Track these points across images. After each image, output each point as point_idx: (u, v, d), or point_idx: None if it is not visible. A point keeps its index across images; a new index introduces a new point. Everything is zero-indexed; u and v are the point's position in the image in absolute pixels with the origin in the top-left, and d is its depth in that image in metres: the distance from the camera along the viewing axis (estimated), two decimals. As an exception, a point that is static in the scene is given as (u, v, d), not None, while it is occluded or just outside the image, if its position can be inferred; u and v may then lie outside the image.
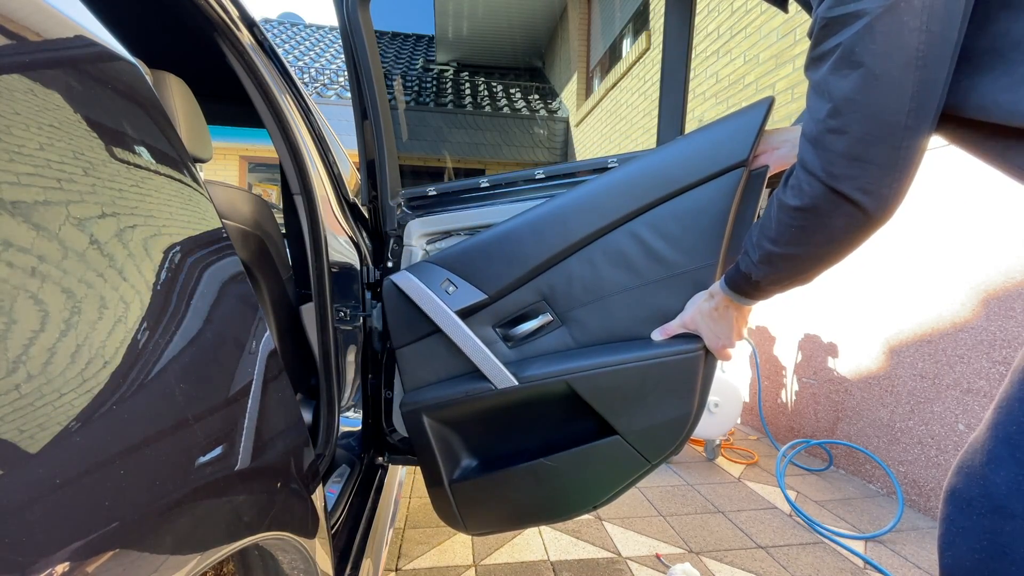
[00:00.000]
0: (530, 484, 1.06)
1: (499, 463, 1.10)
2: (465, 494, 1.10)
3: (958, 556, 0.56)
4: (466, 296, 1.02)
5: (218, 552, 0.38)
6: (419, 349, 1.08)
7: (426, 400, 1.07)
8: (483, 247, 1.04)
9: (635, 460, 1.02)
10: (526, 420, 1.08)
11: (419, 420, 1.07)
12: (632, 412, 0.99)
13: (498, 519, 1.13)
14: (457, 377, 1.06)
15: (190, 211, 0.45)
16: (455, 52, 4.13)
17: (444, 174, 3.81)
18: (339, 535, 1.00)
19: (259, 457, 0.46)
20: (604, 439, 1.01)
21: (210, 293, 0.44)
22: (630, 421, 0.99)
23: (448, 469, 1.11)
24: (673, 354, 0.95)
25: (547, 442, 1.08)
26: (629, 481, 1.05)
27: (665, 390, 0.97)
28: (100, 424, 0.29)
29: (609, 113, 6.34)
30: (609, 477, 1.04)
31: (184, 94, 0.96)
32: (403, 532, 1.88)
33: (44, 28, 0.35)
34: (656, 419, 0.99)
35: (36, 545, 0.24)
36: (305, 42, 10.71)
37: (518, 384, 1.00)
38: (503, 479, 1.07)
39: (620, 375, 0.96)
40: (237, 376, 0.45)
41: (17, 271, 0.27)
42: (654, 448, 1.01)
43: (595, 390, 0.98)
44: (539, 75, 6.11)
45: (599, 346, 1.00)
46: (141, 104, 0.43)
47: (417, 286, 1.04)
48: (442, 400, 1.05)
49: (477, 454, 1.13)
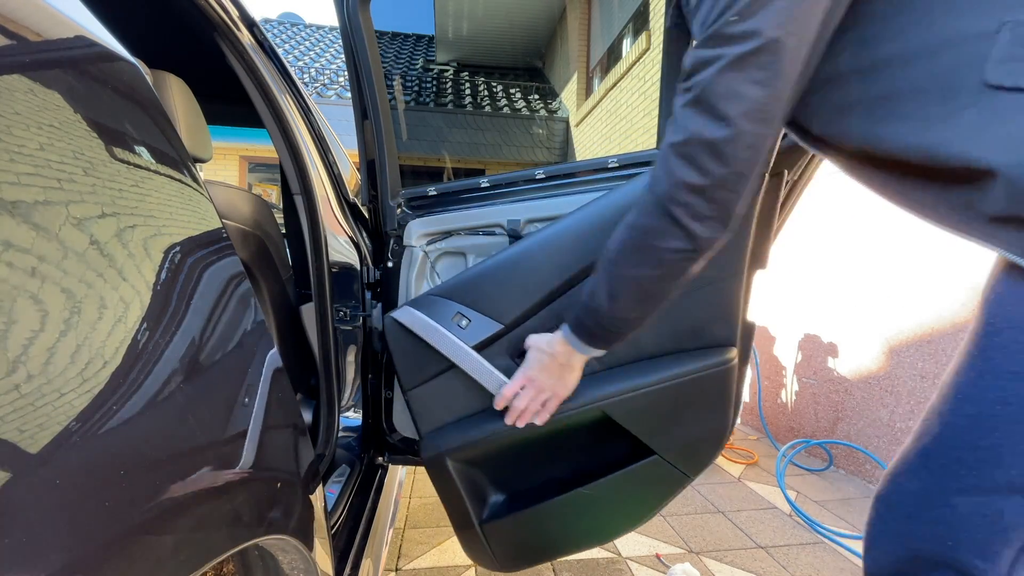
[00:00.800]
0: (569, 515, 1.02)
1: (530, 496, 1.05)
2: (499, 533, 1.05)
3: (877, 558, 0.59)
4: (482, 329, 0.96)
5: (218, 552, 0.38)
6: (434, 388, 1.02)
7: (449, 444, 1.00)
8: (494, 274, 0.98)
9: (675, 477, 0.99)
10: (556, 450, 1.04)
11: (443, 465, 1.01)
12: (669, 431, 0.96)
13: (536, 553, 1.09)
14: (479, 414, 1.00)
15: (190, 211, 0.45)
16: (455, 52, 4.12)
17: (444, 174, 3.81)
18: (339, 535, 1.00)
19: (259, 457, 0.46)
20: (642, 461, 0.98)
21: (210, 293, 0.44)
22: (668, 440, 0.97)
23: (477, 510, 1.06)
24: (706, 368, 0.93)
25: (578, 469, 1.04)
26: (670, 497, 1.02)
27: (700, 406, 0.95)
28: (100, 424, 0.29)
29: (609, 113, 6.34)
30: (650, 497, 1.02)
31: (184, 94, 0.96)
32: (403, 532, 1.88)
33: (44, 28, 0.35)
34: (694, 435, 0.97)
35: (36, 545, 0.24)
36: (305, 42, 10.71)
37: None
38: (540, 514, 1.02)
39: (655, 395, 0.94)
40: (237, 376, 0.45)
41: (17, 271, 0.27)
42: (695, 463, 0.99)
43: (630, 413, 0.95)
44: (539, 75, 6.11)
45: (627, 366, 0.97)
46: (141, 104, 0.43)
47: (426, 323, 0.98)
48: (468, 441, 1.00)
49: (506, 490, 1.09)
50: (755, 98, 0.53)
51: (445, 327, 0.97)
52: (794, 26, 0.51)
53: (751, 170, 0.56)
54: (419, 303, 1.01)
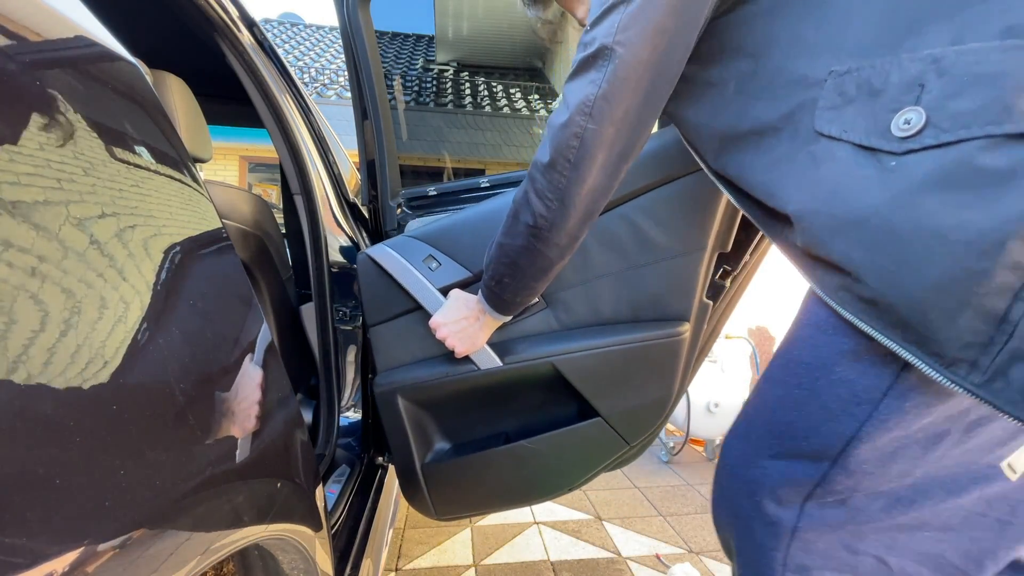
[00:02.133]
0: (509, 467, 1.05)
1: (474, 447, 1.08)
2: (437, 477, 1.08)
3: (717, 512, 0.69)
4: (450, 273, 0.99)
5: (218, 552, 0.38)
6: (396, 327, 1.04)
7: (402, 381, 1.03)
8: (469, 224, 1.02)
9: (615, 442, 1.03)
10: (506, 403, 1.07)
11: (393, 401, 1.04)
12: (615, 394, 1.00)
13: (471, 502, 1.11)
14: (436, 358, 1.02)
15: (190, 211, 0.45)
16: (455, 52, 4.11)
17: (444, 174, 3.81)
18: (339, 535, 1.00)
19: (259, 457, 0.46)
20: (586, 421, 1.02)
21: (210, 293, 0.44)
22: (613, 403, 1.00)
23: (421, 452, 1.08)
24: (658, 337, 0.96)
25: (526, 426, 1.07)
26: (607, 463, 1.06)
27: (648, 372, 0.99)
28: (100, 424, 0.29)
29: (609, 113, 6.32)
30: (588, 458, 1.05)
31: (184, 94, 0.96)
32: (403, 532, 1.88)
33: (44, 28, 0.35)
34: (638, 401, 1.00)
35: (36, 545, 0.24)
36: (305, 42, 10.71)
37: (502, 365, 0.98)
38: (480, 462, 1.05)
39: (605, 357, 0.97)
40: (237, 376, 0.45)
41: (17, 271, 0.27)
42: (634, 430, 1.02)
43: (580, 372, 0.98)
44: (539, 75, 6.11)
45: (584, 328, 1.00)
46: (141, 104, 0.43)
47: (397, 261, 1.00)
48: (420, 381, 1.02)
49: (452, 438, 1.11)
50: (586, 95, 0.59)
51: (416, 267, 1.00)
52: (623, 37, 0.56)
53: (580, 160, 0.62)
54: (395, 243, 1.03)
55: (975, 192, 0.41)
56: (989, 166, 0.41)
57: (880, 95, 0.47)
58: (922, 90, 0.44)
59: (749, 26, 0.57)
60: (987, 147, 0.41)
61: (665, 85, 0.60)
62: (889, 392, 0.51)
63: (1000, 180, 0.40)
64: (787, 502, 0.59)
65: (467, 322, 0.91)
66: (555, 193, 0.65)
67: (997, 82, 0.41)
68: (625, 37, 0.56)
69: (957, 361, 0.44)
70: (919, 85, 0.45)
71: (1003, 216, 0.40)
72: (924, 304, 0.44)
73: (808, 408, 0.57)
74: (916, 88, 0.45)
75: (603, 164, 0.63)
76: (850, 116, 0.49)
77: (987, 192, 0.41)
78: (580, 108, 0.60)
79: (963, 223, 0.41)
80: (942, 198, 0.43)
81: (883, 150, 0.46)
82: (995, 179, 0.40)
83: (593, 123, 0.60)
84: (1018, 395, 0.41)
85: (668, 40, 0.57)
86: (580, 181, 0.64)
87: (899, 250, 0.45)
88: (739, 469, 0.65)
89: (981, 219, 0.41)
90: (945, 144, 0.43)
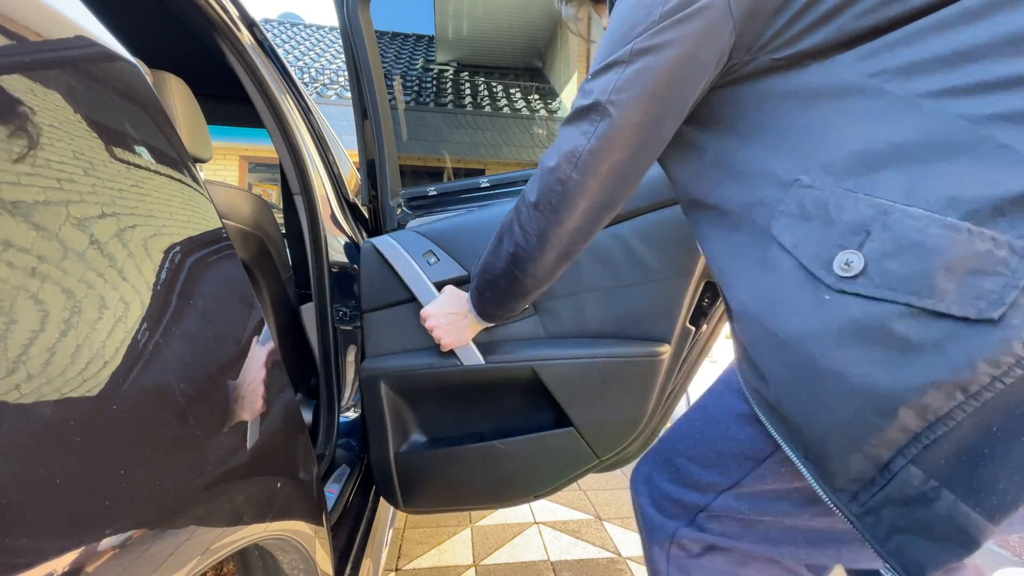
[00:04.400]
0: (479, 465, 1.06)
1: (449, 442, 1.09)
2: (409, 468, 1.09)
3: (636, 518, 0.81)
4: (446, 270, 1.02)
5: (218, 552, 0.38)
6: (389, 316, 1.06)
7: (387, 368, 1.05)
8: (470, 226, 1.05)
9: (584, 454, 1.04)
10: (484, 403, 1.08)
11: (376, 387, 1.06)
12: (589, 406, 1.02)
13: (438, 497, 1.12)
14: (423, 350, 1.04)
15: (190, 211, 0.45)
16: (455, 52, 4.11)
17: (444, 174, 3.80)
18: (339, 535, 1.00)
19: (259, 457, 0.46)
20: (559, 429, 1.03)
21: (210, 293, 0.44)
22: (586, 414, 1.02)
23: (396, 441, 1.09)
24: (637, 355, 0.98)
25: (501, 428, 1.09)
26: (575, 474, 1.07)
27: (625, 389, 1.00)
28: (100, 424, 0.29)
29: (609, 113, 6.32)
30: (557, 467, 1.07)
31: (184, 94, 0.96)
32: (403, 532, 1.88)
33: (44, 28, 0.35)
34: (611, 416, 1.02)
35: (36, 545, 0.24)
36: (305, 42, 10.71)
37: (484, 364, 1.00)
38: (452, 457, 1.07)
39: (585, 368, 0.99)
40: (237, 376, 0.45)
41: (17, 271, 0.27)
42: (604, 444, 1.04)
43: (559, 379, 1.00)
44: (539, 75, 6.11)
45: (568, 339, 1.02)
46: (141, 104, 0.43)
47: (398, 251, 1.04)
48: (404, 370, 1.04)
49: (428, 431, 1.13)
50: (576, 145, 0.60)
51: (415, 260, 1.03)
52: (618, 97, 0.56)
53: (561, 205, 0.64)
54: (399, 235, 1.07)
55: (886, 353, 0.44)
56: (902, 333, 0.43)
57: (832, 226, 0.48)
58: (867, 237, 0.46)
59: (745, 106, 0.57)
60: (905, 315, 0.43)
61: (654, 147, 0.60)
62: (772, 455, 0.61)
63: (908, 349, 0.42)
64: (675, 517, 0.72)
65: (455, 317, 0.94)
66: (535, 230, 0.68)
67: (929, 256, 0.42)
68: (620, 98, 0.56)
69: (842, 490, 0.50)
70: (865, 231, 0.46)
71: (904, 384, 0.43)
72: (826, 438, 0.49)
73: (704, 450, 0.69)
74: (863, 233, 0.46)
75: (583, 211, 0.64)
76: (803, 233, 0.50)
77: (896, 356, 0.43)
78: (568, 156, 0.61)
79: (870, 379, 0.44)
80: (859, 349, 0.45)
81: (823, 281, 0.48)
82: (905, 347, 0.43)
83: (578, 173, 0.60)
84: (884, 533, 0.47)
85: (661, 107, 0.57)
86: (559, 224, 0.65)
87: (814, 384, 0.48)
88: (642, 484, 0.78)
89: (886, 380, 0.43)
90: (872, 298, 0.44)
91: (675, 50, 0.54)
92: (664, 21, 0.54)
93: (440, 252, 1.03)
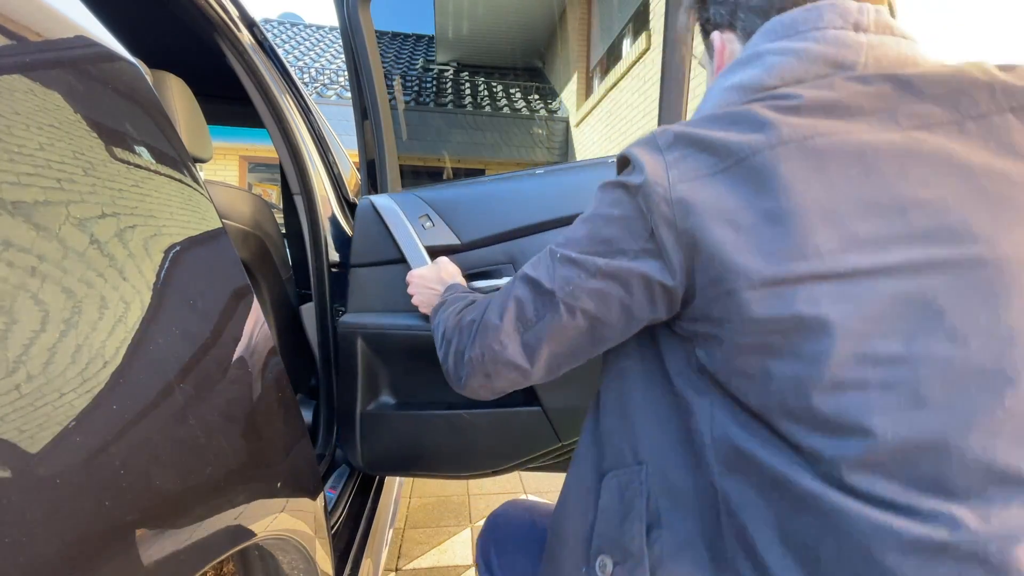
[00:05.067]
0: (444, 432, 1.06)
1: (417, 407, 1.09)
2: (374, 427, 1.09)
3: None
4: (440, 236, 1.02)
5: (218, 552, 0.38)
6: (376, 274, 1.06)
7: (367, 324, 1.04)
8: (470, 197, 1.05)
9: (548, 435, 1.05)
10: None
11: (353, 342, 1.05)
12: (559, 390, 1.02)
13: (400, 461, 1.12)
14: (405, 312, 1.04)
15: (190, 211, 0.45)
16: (455, 52, 4.12)
17: (444, 174, 3.81)
18: (339, 535, 1.00)
19: (259, 457, 0.46)
20: (526, 407, 1.04)
21: (210, 293, 0.44)
22: (554, 397, 1.02)
23: (365, 399, 1.09)
24: None
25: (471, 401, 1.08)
26: (535, 455, 1.08)
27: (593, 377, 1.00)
28: (101, 424, 0.29)
29: (609, 113, 6.33)
30: (519, 445, 1.07)
31: (184, 94, 0.96)
32: (403, 532, 1.88)
33: (44, 28, 0.35)
34: (580, 402, 1.02)
35: (37, 545, 0.24)
36: (305, 42, 10.71)
37: None
38: (417, 421, 1.07)
39: None
40: (237, 376, 0.45)
41: (17, 271, 0.27)
42: (568, 429, 1.05)
43: None
44: (539, 75, 6.12)
45: None
46: (141, 104, 0.43)
47: (394, 211, 1.04)
48: (383, 328, 1.03)
49: (398, 394, 1.13)
50: (519, 319, 0.55)
51: (410, 222, 1.03)
52: (570, 301, 0.52)
53: (485, 363, 0.58)
54: (398, 196, 1.07)
55: None
56: None
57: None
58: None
59: (632, 385, 0.55)
60: None
61: (590, 353, 0.57)
62: None
63: None
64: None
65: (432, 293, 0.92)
66: (456, 360, 0.64)
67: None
68: (570, 302, 0.52)
69: None
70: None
71: None
72: None
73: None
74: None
75: (501, 375, 0.59)
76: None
77: None
78: (512, 325, 0.56)
79: None
80: None
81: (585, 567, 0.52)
82: None
83: (511, 345, 0.56)
84: None
85: (600, 334, 0.53)
86: (476, 375, 0.61)
87: None
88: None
89: None
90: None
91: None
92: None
93: (436, 218, 1.04)
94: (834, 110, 0.42)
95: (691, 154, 0.45)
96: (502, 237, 1.02)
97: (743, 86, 0.48)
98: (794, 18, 0.47)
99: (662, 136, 0.47)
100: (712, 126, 0.45)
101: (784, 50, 0.47)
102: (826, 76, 0.45)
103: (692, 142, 0.45)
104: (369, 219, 1.06)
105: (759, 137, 0.42)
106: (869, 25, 0.45)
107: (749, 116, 0.43)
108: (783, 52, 0.47)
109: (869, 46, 0.45)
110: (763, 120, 0.42)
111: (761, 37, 0.50)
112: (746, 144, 0.42)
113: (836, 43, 0.45)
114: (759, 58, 0.48)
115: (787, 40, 0.47)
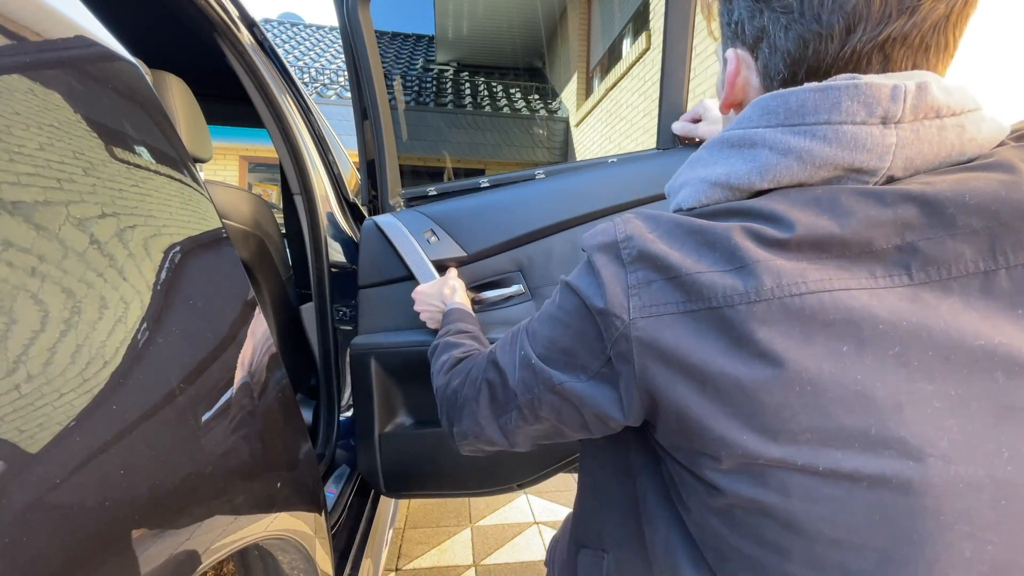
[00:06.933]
0: None
1: (436, 424, 1.08)
2: (393, 449, 1.07)
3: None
4: (445, 249, 1.03)
5: (218, 552, 0.38)
6: (385, 293, 1.06)
7: (379, 344, 1.04)
8: (472, 209, 1.05)
9: (569, 446, 1.03)
10: None
11: (366, 363, 1.04)
12: None
13: (421, 482, 1.11)
14: (417, 328, 1.03)
15: (190, 211, 0.45)
16: (455, 52, 4.11)
17: (444, 174, 3.81)
18: (339, 535, 1.00)
19: (259, 457, 0.46)
20: None
21: (210, 293, 0.44)
22: None
23: (382, 421, 1.08)
24: None
25: None
26: (559, 464, 1.07)
27: None
28: (101, 424, 0.29)
29: (609, 113, 6.34)
30: (543, 454, 1.06)
31: (184, 94, 0.96)
32: (403, 532, 1.88)
33: (44, 28, 0.35)
34: None
35: (36, 545, 0.24)
36: (305, 42, 10.71)
37: None
38: (438, 439, 1.05)
39: None
40: (237, 376, 0.45)
41: (17, 271, 0.27)
42: None
43: None
44: (539, 75, 6.12)
45: None
46: (141, 104, 0.43)
47: (399, 228, 1.04)
48: (396, 346, 1.03)
49: (415, 413, 1.11)
50: (490, 409, 0.55)
51: (415, 238, 1.04)
52: (526, 402, 0.50)
53: (466, 435, 0.60)
54: (402, 214, 1.07)
55: None
56: None
57: None
58: None
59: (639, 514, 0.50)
60: None
61: (572, 439, 0.55)
62: None
63: None
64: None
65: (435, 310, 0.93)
66: (448, 427, 0.64)
67: None
68: (530, 409, 0.50)
69: None
70: None
71: None
72: None
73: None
74: None
75: (488, 447, 0.60)
76: None
77: None
78: (487, 409, 0.55)
79: None
80: None
81: None
82: None
83: (489, 427, 0.56)
84: None
85: (569, 434, 0.51)
86: (466, 445, 0.62)
87: None
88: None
89: None
90: None
91: None
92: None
93: (440, 232, 1.04)
94: (830, 247, 0.34)
95: (656, 281, 0.38)
96: (507, 245, 1.02)
97: (729, 185, 0.40)
98: (803, 102, 0.37)
99: (626, 244, 0.40)
100: (684, 245, 0.38)
101: (784, 148, 0.37)
102: (834, 179, 0.37)
103: (659, 267, 0.38)
104: (374, 239, 1.06)
105: (736, 284, 0.35)
106: (904, 114, 0.34)
107: (728, 246, 0.36)
108: (782, 151, 0.37)
109: (899, 146, 0.34)
110: (743, 258, 0.35)
111: (761, 113, 0.39)
112: (720, 291, 0.35)
113: (852, 145, 0.35)
114: (752, 149, 0.39)
115: (789, 131, 0.37)
